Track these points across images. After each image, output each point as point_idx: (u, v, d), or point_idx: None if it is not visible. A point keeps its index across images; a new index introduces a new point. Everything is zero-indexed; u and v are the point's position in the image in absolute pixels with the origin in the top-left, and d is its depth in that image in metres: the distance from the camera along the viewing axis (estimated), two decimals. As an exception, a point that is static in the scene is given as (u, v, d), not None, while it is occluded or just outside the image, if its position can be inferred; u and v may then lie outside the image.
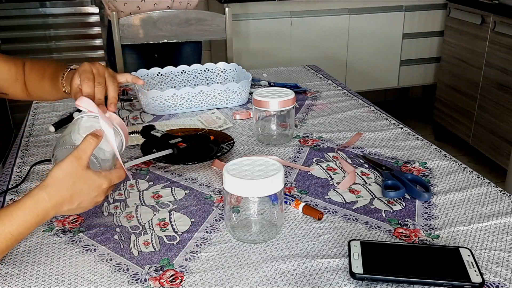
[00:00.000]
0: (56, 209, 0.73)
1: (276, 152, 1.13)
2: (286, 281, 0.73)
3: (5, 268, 0.76)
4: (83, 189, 0.74)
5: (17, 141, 1.22)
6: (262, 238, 0.82)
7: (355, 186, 0.98)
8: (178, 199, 0.95)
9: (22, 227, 0.71)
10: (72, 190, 0.73)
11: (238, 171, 0.78)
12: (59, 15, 2.75)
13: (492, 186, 0.97)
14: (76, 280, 0.73)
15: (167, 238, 0.83)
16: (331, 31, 2.93)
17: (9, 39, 2.73)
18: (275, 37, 2.85)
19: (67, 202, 0.74)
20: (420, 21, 3.06)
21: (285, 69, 1.78)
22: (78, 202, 0.75)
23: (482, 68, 2.66)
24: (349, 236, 0.83)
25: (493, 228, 0.84)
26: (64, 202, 0.73)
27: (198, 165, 1.07)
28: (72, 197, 0.74)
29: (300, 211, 0.90)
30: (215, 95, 1.37)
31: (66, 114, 1.35)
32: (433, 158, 1.09)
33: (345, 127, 1.25)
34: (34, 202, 0.72)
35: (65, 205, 0.74)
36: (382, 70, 3.12)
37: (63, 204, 0.74)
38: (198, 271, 0.75)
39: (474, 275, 0.70)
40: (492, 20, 2.54)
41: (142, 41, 1.97)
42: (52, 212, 0.73)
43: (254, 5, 2.75)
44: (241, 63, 1.59)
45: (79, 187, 0.74)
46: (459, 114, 2.90)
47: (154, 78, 1.50)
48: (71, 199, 0.74)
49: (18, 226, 0.70)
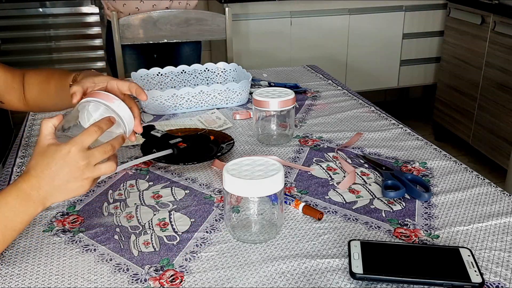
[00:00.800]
0: (36, 189, 0.72)
1: (276, 152, 1.13)
2: (286, 281, 0.73)
3: (5, 268, 0.76)
4: (49, 162, 0.72)
5: (17, 141, 1.22)
6: (262, 238, 0.82)
7: (355, 186, 0.98)
8: (178, 199, 0.95)
9: (6, 209, 0.71)
10: (39, 167, 0.72)
11: (238, 171, 0.78)
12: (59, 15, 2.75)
13: (492, 186, 0.97)
14: (76, 280, 0.73)
15: (167, 238, 0.83)
16: (331, 31, 2.93)
17: (9, 39, 2.74)
18: (275, 37, 2.85)
19: (43, 181, 0.72)
20: (420, 21, 3.06)
21: (285, 69, 1.78)
22: (54, 177, 0.72)
23: (482, 68, 2.66)
24: (349, 236, 0.83)
25: (493, 228, 0.84)
26: (39, 180, 0.72)
27: (198, 165, 1.07)
28: (43, 173, 0.72)
29: (300, 211, 0.90)
30: (215, 95, 1.37)
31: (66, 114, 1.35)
32: (433, 158, 1.09)
33: (345, 127, 1.25)
34: (11, 186, 0.73)
35: (43, 184, 0.72)
36: (382, 70, 3.12)
37: (40, 183, 0.72)
38: (198, 271, 0.75)
39: (474, 275, 0.70)
40: (492, 20, 2.54)
41: (142, 41, 1.97)
42: (33, 192, 0.72)
43: (254, 5, 2.75)
44: (241, 63, 1.59)
45: (45, 161, 0.72)
46: (459, 114, 2.90)
47: (154, 78, 1.50)
48: (43, 175, 0.72)
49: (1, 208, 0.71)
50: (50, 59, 2.85)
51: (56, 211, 0.91)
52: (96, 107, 0.80)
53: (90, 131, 0.74)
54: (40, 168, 0.72)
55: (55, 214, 0.90)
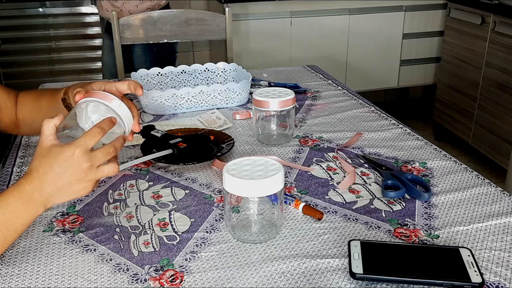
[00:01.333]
0: (38, 191, 0.72)
1: (276, 152, 1.13)
2: (286, 281, 0.73)
3: (5, 268, 0.76)
4: (52, 163, 0.72)
5: (17, 141, 1.22)
6: (262, 238, 0.82)
7: (355, 186, 0.98)
8: (178, 199, 0.95)
9: (7, 211, 0.71)
10: (42, 169, 0.72)
11: (238, 171, 0.78)
12: (59, 15, 2.75)
13: (492, 186, 0.97)
14: (76, 280, 0.73)
15: (167, 238, 0.83)
16: (331, 31, 2.92)
17: (9, 39, 2.74)
18: (275, 37, 2.85)
19: (46, 183, 0.72)
20: (420, 21, 3.06)
21: (285, 69, 1.78)
22: (57, 179, 0.72)
23: (482, 68, 2.66)
24: (349, 236, 0.83)
25: (493, 228, 0.84)
26: (42, 182, 0.72)
27: (198, 165, 1.07)
28: (46, 175, 0.72)
29: (300, 211, 0.90)
30: (215, 95, 1.37)
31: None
32: (433, 158, 1.09)
33: (345, 127, 1.25)
34: (13, 187, 0.73)
35: (45, 186, 0.72)
36: (382, 70, 3.12)
37: (43, 185, 0.72)
38: (198, 271, 0.75)
39: (474, 275, 0.70)
40: (492, 20, 2.54)
41: (142, 41, 1.97)
42: (35, 194, 0.72)
43: (254, 5, 2.75)
44: (241, 63, 1.59)
45: (48, 162, 0.72)
46: (459, 114, 2.90)
47: (154, 78, 1.50)
48: (45, 177, 0.72)
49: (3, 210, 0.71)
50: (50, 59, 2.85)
51: (56, 211, 0.91)
52: (96, 107, 0.80)
53: (93, 132, 0.74)
54: (42, 169, 0.72)
55: (55, 214, 0.90)
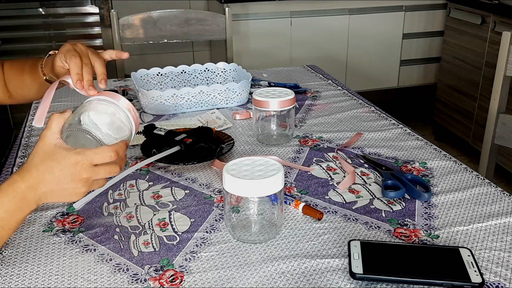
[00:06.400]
0: (33, 190, 0.71)
1: (276, 152, 1.13)
2: (286, 281, 0.73)
3: (5, 268, 0.76)
4: (54, 166, 0.71)
5: (17, 141, 1.22)
6: (262, 238, 0.82)
7: (355, 186, 0.98)
8: (178, 199, 0.95)
9: (1, 210, 0.70)
10: (42, 167, 0.71)
11: (238, 171, 0.78)
12: (59, 15, 2.75)
13: (492, 186, 0.97)
14: (76, 280, 0.73)
15: (167, 238, 0.83)
16: (331, 31, 2.92)
17: (9, 39, 2.73)
18: (275, 37, 2.85)
19: (42, 183, 0.71)
20: (420, 21, 3.06)
21: (285, 69, 1.78)
22: (55, 182, 0.71)
23: (482, 68, 2.66)
24: (349, 236, 0.83)
25: (493, 228, 0.84)
26: (38, 181, 0.71)
27: (198, 165, 1.07)
28: (44, 175, 0.71)
29: (300, 211, 0.90)
30: (215, 95, 1.37)
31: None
32: (433, 158, 1.09)
33: (345, 127, 1.25)
34: (7, 184, 0.72)
35: (41, 185, 0.71)
36: (382, 70, 3.12)
37: (38, 185, 0.71)
38: (198, 271, 0.75)
39: (474, 275, 0.70)
40: (492, 20, 2.54)
41: (142, 41, 1.97)
42: (29, 193, 0.71)
43: (254, 5, 2.75)
44: (241, 63, 1.60)
45: (50, 164, 0.71)
46: (459, 114, 2.90)
47: (154, 78, 1.50)
48: (43, 177, 0.71)
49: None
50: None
51: (56, 211, 0.91)
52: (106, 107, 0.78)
53: (105, 155, 0.72)
54: (42, 169, 0.71)
55: (55, 214, 0.90)
